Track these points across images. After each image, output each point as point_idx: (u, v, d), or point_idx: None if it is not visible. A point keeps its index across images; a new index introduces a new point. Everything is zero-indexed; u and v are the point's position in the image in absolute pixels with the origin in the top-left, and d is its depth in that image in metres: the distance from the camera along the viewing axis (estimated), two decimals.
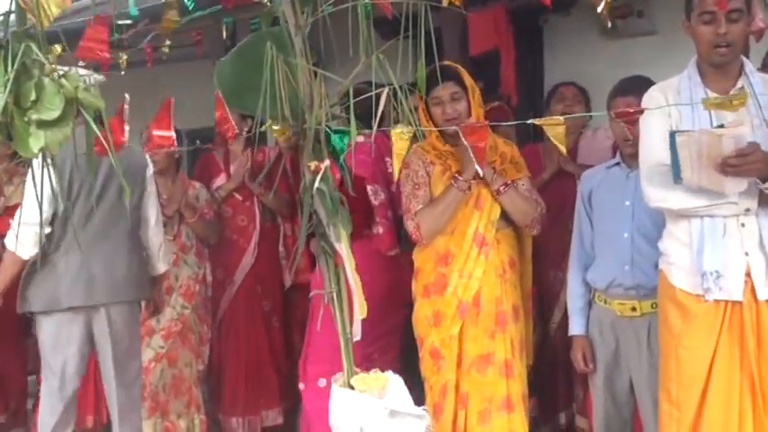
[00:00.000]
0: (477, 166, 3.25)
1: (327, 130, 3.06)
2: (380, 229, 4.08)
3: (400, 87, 2.95)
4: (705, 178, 2.73)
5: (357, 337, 3.15)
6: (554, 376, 4.40)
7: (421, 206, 3.56)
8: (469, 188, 3.52)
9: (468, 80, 3.62)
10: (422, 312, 3.64)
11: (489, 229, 3.57)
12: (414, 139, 3.49)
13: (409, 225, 3.57)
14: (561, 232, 4.03)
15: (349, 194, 3.09)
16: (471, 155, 3.05)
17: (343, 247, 2.99)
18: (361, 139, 3.87)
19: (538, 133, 4.84)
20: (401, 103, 2.88)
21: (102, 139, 2.36)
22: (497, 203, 3.58)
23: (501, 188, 3.56)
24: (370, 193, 4.06)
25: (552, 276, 4.34)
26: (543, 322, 4.36)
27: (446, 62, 3.64)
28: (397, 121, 2.93)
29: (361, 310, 3.06)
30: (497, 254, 3.59)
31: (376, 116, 3.01)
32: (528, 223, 3.63)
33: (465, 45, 5.32)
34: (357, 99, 2.94)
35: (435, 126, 3.56)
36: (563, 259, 3.87)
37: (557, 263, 4.23)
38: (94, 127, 2.29)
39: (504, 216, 3.62)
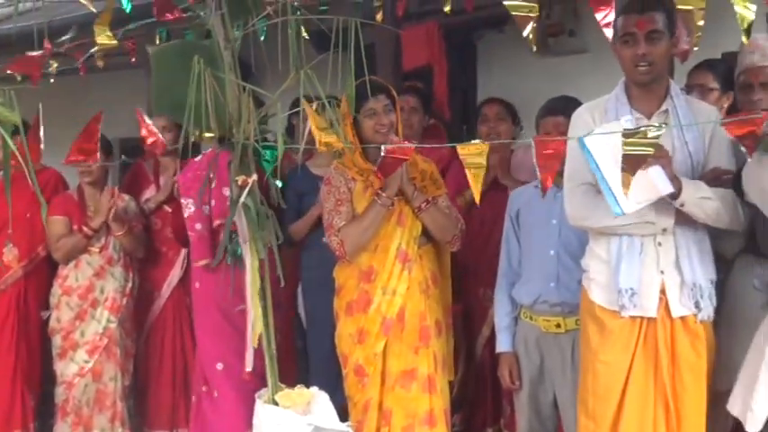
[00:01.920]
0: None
1: (255, 145, 3.06)
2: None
3: (329, 102, 2.96)
4: (637, 190, 2.76)
5: (248, 368, 3.13)
6: (482, 392, 4.41)
7: (344, 222, 3.56)
8: (392, 204, 3.53)
9: (394, 95, 3.64)
10: (345, 330, 3.63)
11: (412, 245, 3.59)
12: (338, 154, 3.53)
13: (333, 241, 3.56)
14: (492, 250, 4.05)
15: None
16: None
17: (249, 266, 2.98)
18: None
19: None
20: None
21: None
22: (419, 220, 3.60)
23: (422, 205, 3.58)
24: (183, 205, 4.10)
25: (481, 293, 4.35)
26: (471, 338, 4.38)
27: (372, 77, 3.65)
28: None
29: (253, 338, 3.04)
30: (420, 270, 3.61)
31: (303, 130, 3.04)
32: (449, 240, 3.66)
33: (399, 60, 5.34)
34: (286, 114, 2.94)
35: (362, 141, 3.56)
36: (493, 277, 3.89)
37: (486, 280, 4.25)
38: (10, 142, 2.25)
39: (426, 232, 3.64)
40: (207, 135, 3.09)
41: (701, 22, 2.64)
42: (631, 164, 2.66)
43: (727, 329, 3.18)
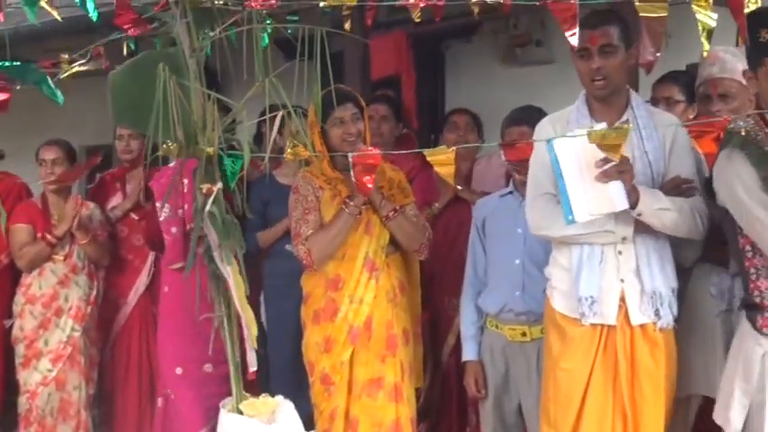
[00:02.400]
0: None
1: (220, 153, 3.05)
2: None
3: (294, 110, 2.96)
4: (593, 201, 2.80)
5: (253, 367, 3.13)
6: (447, 400, 4.42)
7: (311, 231, 3.55)
8: (360, 213, 3.53)
9: (362, 104, 3.65)
10: (312, 338, 3.62)
11: (379, 254, 3.59)
12: (306, 163, 3.53)
13: (300, 250, 3.54)
14: (457, 259, 4.07)
15: None
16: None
17: (229, 272, 2.97)
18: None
19: None
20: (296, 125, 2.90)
21: None
22: (386, 229, 3.60)
23: (390, 213, 3.58)
24: (158, 209, 4.12)
25: (447, 302, 4.36)
26: (437, 347, 4.38)
27: (340, 86, 3.66)
28: None
29: (251, 340, 3.04)
30: (388, 278, 3.61)
31: (269, 139, 3.03)
32: (416, 248, 3.67)
33: (367, 69, 5.35)
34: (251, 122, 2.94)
35: (329, 149, 3.56)
36: (458, 285, 3.90)
37: (452, 289, 4.26)
38: None
39: (393, 241, 3.64)
40: (171, 148, 3.07)
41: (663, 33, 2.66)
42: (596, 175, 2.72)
43: (685, 337, 3.22)
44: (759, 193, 2.66)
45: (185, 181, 4.00)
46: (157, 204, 4.13)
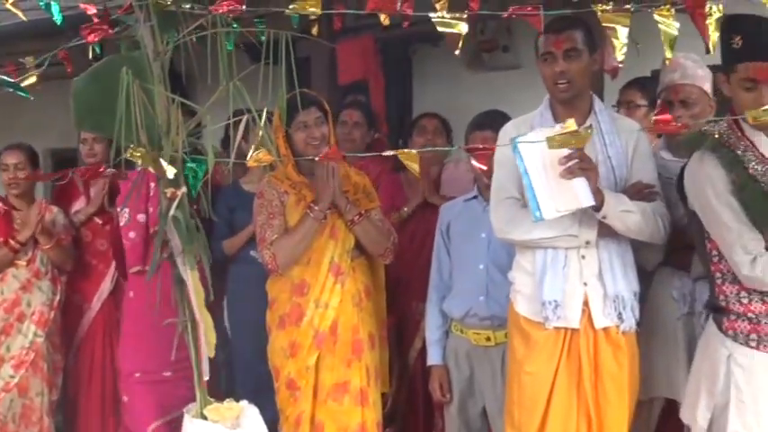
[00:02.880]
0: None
1: (184, 157, 3.03)
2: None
3: (259, 115, 2.95)
4: (560, 198, 2.82)
5: (206, 376, 3.12)
6: (414, 405, 4.42)
7: (276, 236, 3.54)
8: (325, 217, 3.53)
9: (327, 108, 3.65)
10: (278, 344, 3.61)
11: (344, 258, 3.59)
12: (270, 167, 3.52)
13: (265, 255, 3.53)
14: (424, 263, 4.07)
15: None
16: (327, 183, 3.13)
17: (190, 278, 2.96)
18: None
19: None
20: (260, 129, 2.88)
21: None
22: (351, 233, 3.60)
23: (355, 218, 3.58)
24: (119, 214, 4.16)
25: (414, 306, 4.36)
26: (403, 351, 4.39)
27: (304, 90, 3.66)
28: None
29: (209, 347, 3.03)
30: (353, 282, 3.62)
31: (234, 143, 3.02)
32: (381, 253, 3.68)
33: (334, 74, 5.35)
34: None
35: (294, 153, 3.56)
36: (425, 290, 3.91)
37: (419, 293, 4.26)
38: None
39: (358, 245, 3.65)
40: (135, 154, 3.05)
41: (625, 40, 2.68)
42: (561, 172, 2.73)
43: (647, 340, 3.25)
44: (728, 197, 2.69)
45: (152, 185, 4.00)
46: (118, 210, 4.12)
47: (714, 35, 2.61)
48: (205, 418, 3.10)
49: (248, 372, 4.07)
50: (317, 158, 3.09)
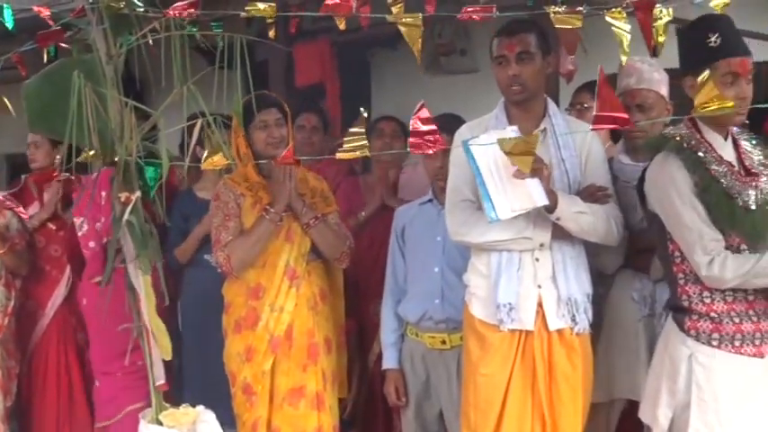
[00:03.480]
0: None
1: (139, 161, 3.01)
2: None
3: (214, 119, 2.94)
4: (515, 198, 2.83)
5: (160, 381, 3.10)
6: (373, 408, 4.42)
7: (231, 237, 3.53)
8: (281, 220, 3.52)
9: (287, 110, 3.64)
10: (234, 348, 3.59)
11: (300, 261, 3.58)
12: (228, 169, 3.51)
13: (219, 256, 3.52)
14: (383, 267, 4.07)
15: None
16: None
17: (141, 283, 2.94)
18: None
19: (366, 167, 4.94)
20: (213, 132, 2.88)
21: None
22: (308, 236, 3.60)
23: (311, 221, 3.57)
24: (76, 224, 4.09)
25: (373, 310, 4.37)
26: (363, 355, 4.39)
27: (266, 92, 3.67)
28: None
29: (164, 352, 3.01)
30: (309, 286, 3.61)
31: (188, 147, 3.01)
32: (337, 257, 3.67)
33: (292, 77, 5.34)
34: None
35: (253, 153, 3.55)
36: (383, 293, 3.91)
37: (378, 296, 4.26)
38: None
39: (315, 249, 3.64)
40: (92, 154, 3.03)
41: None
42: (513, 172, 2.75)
43: (608, 342, 3.29)
44: (691, 198, 2.73)
45: (103, 194, 3.97)
46: (75, 220, 4.09)
47: (661, 38, 2.66)
48: (161, 423, 3.08)
49: (200, 376, 4.05)
50: (274, 161, 3.08)
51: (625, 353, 3.27)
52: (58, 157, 4.54)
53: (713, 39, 2.77)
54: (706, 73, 2.47)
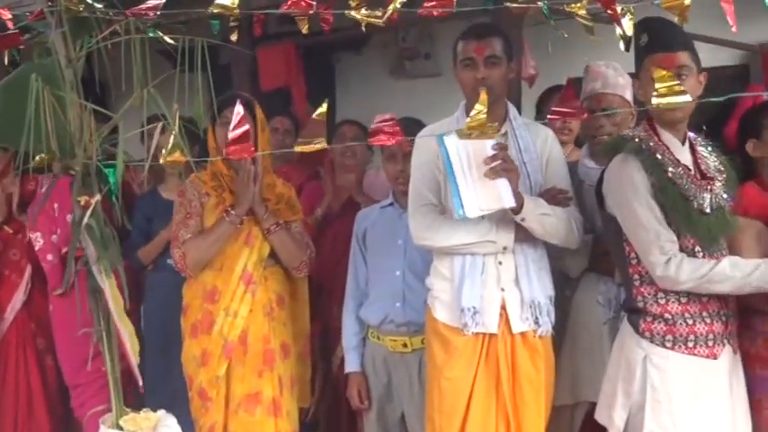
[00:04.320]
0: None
1: (98, 164, 2.99)
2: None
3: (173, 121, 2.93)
4: (483, 197, 2.84)
5: (140, 383, 3.09)
6: (337, 411, 4.41)
7: (190, 236, 3.52)
8: (241, 222, 3.51)
9: (259, 114, 3.61)
10: (190, 352, 3.58)
11: (258, 266, 3.56)
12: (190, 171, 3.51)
13: (176, 254, 3.52)
14: (345, 270, 4.07)
15: None
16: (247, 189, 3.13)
17: (107, 287, 2.92)
18: None
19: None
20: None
21: None
22: (267, 242, 3.58)
23: (272, 227, 3.56)
24: (32, 240, 4.14)
25: (336, 313, 4.36)
26: (327, 358, 4.39)
27: (235, 91, 3.68)
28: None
29: (134, 354, 2.99)
30: (265, 292, 3.58)
31: (149, 149, 2.99)
32: (296, 266, 3.65)
33: (256, 81, 5.33)
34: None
35: (220, 150, 3.54)
36: None
37: (341, 300, 4.27)
38: None
39: (275, 254, 3.62)
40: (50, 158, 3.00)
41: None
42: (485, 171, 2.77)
43: (573, 344, 3.31)
44: (648, 199, 2.77)
45: (55, 205, 3.97)
46: (30, 235, 4.08)
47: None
48: (121, 428, 3.06)
49: (159, 381, 4.03)
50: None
51: (590, 355, 3.30)
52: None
53: (643, 39, 2.84)
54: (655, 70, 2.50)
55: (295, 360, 3.71)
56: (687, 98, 2.15)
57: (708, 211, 2.80)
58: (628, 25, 2.74)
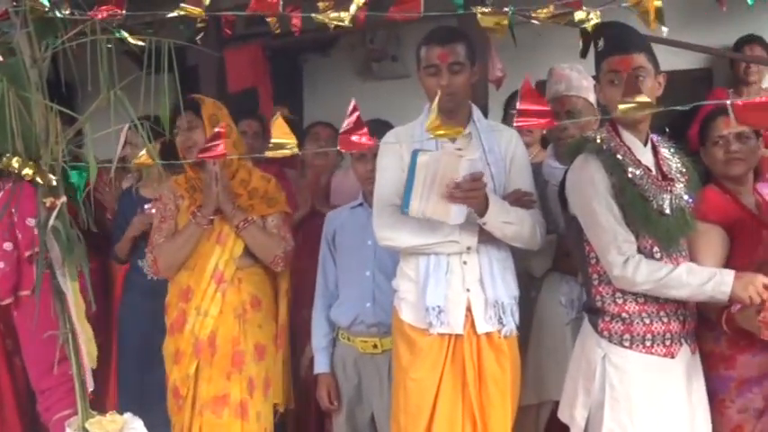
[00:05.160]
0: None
1: (64, 166, 2.97)
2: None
3: (141, 123, 2.92)
4: (431, 207, 2.87)
5: (90, 388, 3.07)
6: (306, 413, 4.42)
7: (162, 240, 3.55)
8: (210, 223, 3.52)
9: (206, 112, 3.60)
10: (167, 349, 3.63)
11: (230, 265, 3.57)
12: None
13: (148, 258, 3.57)
14: (314, 272, 4.07)
15: None
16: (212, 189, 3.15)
17: (69, 290, 2.90)
18: None
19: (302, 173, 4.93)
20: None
21: None
22: (241, 239, 3.58)
23: (241, 224, 3.55)
24: None
25: (306, 314, 4.36)
26: (295, 360, 4.38)
27: (192, 95, 3.66)
28: None
29: (90, 359, 2.98)
30: (237, 293, 3.58)
31: (117, 151, 2.98)
32: (270, 260, 3.62)
33: (223, 82, 5.32)
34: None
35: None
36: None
37: (309, 302, 4.27)
38: None
39: (251, 254, 3.62)
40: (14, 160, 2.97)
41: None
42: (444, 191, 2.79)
43: (537, 344, 3.34)
44: (608, 199, 2.79)
45: (14, 210, 3.95)
46: None
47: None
48: (87, 431, 3.04)
49: (133, 382, 4.02)
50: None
51: (553, 355, 3.33)
52: None
53: (600, 43, 2.88)
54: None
55: (272, 360, 3.71)
56: (650, 103, 2.18)
57: (667, 211, 2.83)
58: (591, 29, 2.77)
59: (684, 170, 2.95)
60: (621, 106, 2.16)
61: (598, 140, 2.88)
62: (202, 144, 3.55)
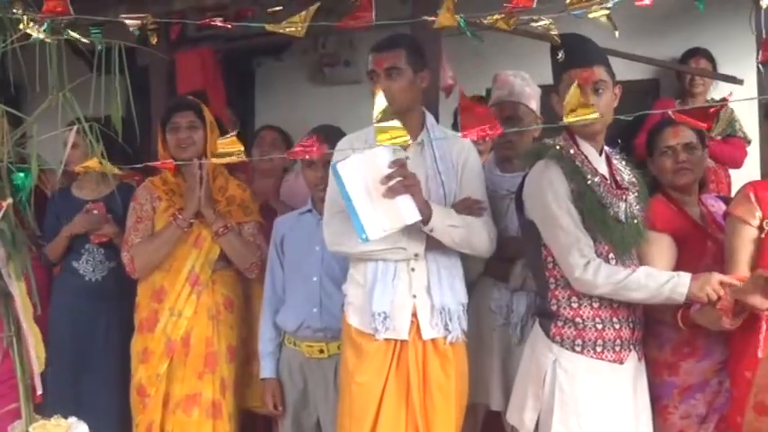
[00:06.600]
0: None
1: (10, 166, 2.94)
2: None
3: (90, 126, 2.89)
4: (383, 218, 2.87)
5: (39, 392, 3.04)
6: (252, 417, 4.39)
7: (138, 240, 3.58)
8: (190, 226, 3.57)
9: (208, 117, 3.69)
10: (134, 348, 3.67)
11: (206, 269, 3.64)
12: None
13: (125, 257, 3.61)
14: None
15: None
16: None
17: (17, 291, 2.87)
18: None
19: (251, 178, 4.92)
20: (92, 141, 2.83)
21: None
22: (217, 244, 3.63)
23: (220, 230, 3.61)
24: None
25: None
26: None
27: (188, 96, 3.69)
28: None
29: (38, 362, 2.95)
30: (211, 295, 3.65)
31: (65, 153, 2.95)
32: (246, 267, 3.72)
33: (174, 84, 5.28)
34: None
35: (170, 154, 3.61)
36: None
37: None
38: None
39: (226, 257, 3.68)
40: None
41: None
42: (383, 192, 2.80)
43: (471, 348, 3.36)
44: (568, 203, 2.84)
45: None
46: None
47: None
48: None
49: (64, 385, 3.97)
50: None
51: (480, 360, 3.36)
52: None
53: (560, 55, 2.91)
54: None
55: (243, 362, 3.76)
56: (597, 115, 2.23)
57: (622, 219, 2.90)
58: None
59: (635, 181, 3.01)
60: (570, 116, 2.19)
61: (557, 147, 2.92)
62: (201, 144, 3.62)
